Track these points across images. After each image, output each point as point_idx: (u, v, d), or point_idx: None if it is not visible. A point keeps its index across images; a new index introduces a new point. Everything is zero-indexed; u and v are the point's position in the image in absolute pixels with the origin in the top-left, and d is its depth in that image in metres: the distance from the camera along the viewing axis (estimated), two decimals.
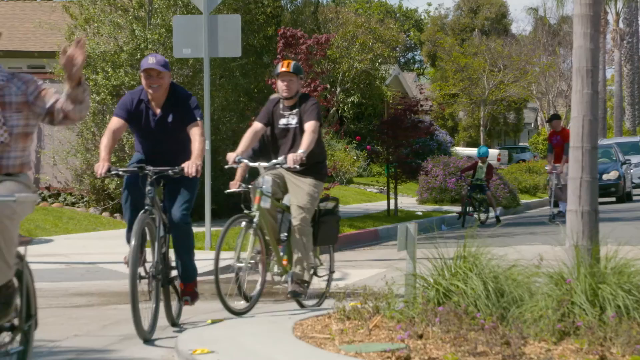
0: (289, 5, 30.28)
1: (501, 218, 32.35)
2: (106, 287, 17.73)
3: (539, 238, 15.46)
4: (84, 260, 20.04)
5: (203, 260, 19.45)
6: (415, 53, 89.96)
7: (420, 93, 35.41)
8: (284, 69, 13.77)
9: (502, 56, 67.70)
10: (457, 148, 51.89)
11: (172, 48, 22.86)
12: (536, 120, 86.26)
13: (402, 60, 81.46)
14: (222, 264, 13.83)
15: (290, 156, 12.86)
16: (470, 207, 29.86)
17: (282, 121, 13.81)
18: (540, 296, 10.79)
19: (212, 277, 18.59)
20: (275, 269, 13.83)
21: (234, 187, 14.67)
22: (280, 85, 13.80)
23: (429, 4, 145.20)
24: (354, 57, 51.03)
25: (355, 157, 45.58)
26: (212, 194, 22.22)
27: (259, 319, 13.18)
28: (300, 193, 13.44)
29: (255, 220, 13.01)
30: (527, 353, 9.75)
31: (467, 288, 11.15)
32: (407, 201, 37.44)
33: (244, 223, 13.94)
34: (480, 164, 30.61)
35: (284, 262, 13.70)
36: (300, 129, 13.59)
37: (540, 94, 70.41)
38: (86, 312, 14.85)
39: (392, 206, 31.81)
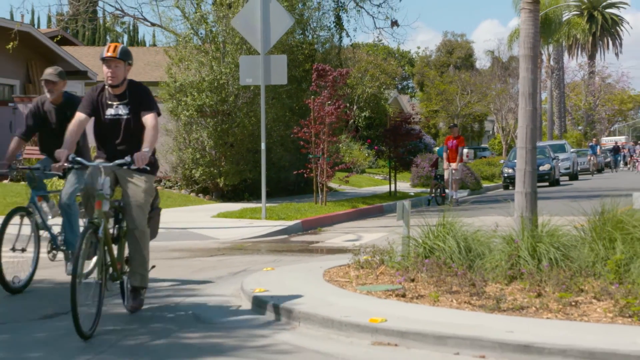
0: (320, 48, 29.67)
1: (468, 198, 31.91)
2: (193, 245, 17.40)
3: (496, 211, 15.15)
4: (178, 226, 19.84)
5: (260, 227, 20.06)
6: (408, 81, 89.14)
7: (412, 109, 34.93)
8: (109, 54, 9.82)
9: (469, 84, 67.76)
10: (437, 148, 51.87)
11: (239, 78, 22.72)
12: (493, 129, 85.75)
13: (399, 86, 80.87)
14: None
15: (137, 155, 9.27)
16: (438, 190, 29.44)
17: (110, 111, 9.95)
18: (496, 252, 10.96)
19: (266, 239, 19.15)
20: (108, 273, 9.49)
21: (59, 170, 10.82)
22: (105, 71, 9.89)
23: (418, 47, 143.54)
24: (365, 84, 50.71)
25: (366, 154, 44.96)
26: (266, 180, 21.84)
27: (298, 267, 13.02)
28: (138, 192, 9.73)
29: (100, 229, 9.06)
30: (487, 291, 9.93)
31: (445, 246, 11.31)
32: (403, 185, 36.39)
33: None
34: (439, 159, 29.91)
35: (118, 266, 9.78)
36: (133, 121, 9.91)
37: (496, 110, 70.14)
38: (179, 263, 14.67)
39: (392, 189, 31.59)
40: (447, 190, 28.86)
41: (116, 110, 10.00)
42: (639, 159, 60.57)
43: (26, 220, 11.88)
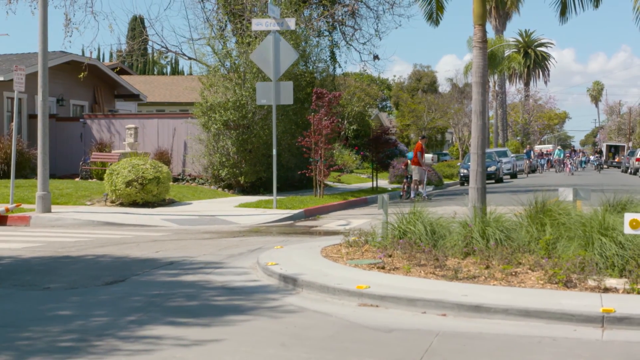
0: (318, 76, 29.54)
1: (432, 192, 31.21)
2: (220, 229, 17.26)
3: (454, 202, 15.04)
4: (208, 213, 19.81)
5: (272, 214, 19.99)
6: (387, 102, 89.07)
7: (390, 124, 35.10)
8: None
9: (434, 104, 67.54)
10: (409, 153, 51.56)
11: (256, 99, 22.56)
12: (452, 138, 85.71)
13: (380, 105, 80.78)
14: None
15: None
16: (407, 187, 29.08)
17: None
18: (455, 234, 10.99)
19: (276, 224, 19.14)
20: None
21: None
22: None
23: (394, 75, 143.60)
24: (353, 104, 50.45)
25: (354, 158, 44.94)
26: (277, 178, 21.81)
27: (301, 245, 12.97)
28: None
29: None
30: (447, 264, 9.92)
31: (415, 229, 11.29)
32: (383, 182, 36.03)
33: None
34: (409, 162, 29.00)
35: None
36: None
37: (454, 124, 69.93)
38: (209, 242, 14.53)
39: (374, 185, 31.53)
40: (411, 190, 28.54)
41: None
42: (567, 161, 60.43)
43: None
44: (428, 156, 29.81)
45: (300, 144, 24.85)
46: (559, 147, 78.41)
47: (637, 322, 7.26)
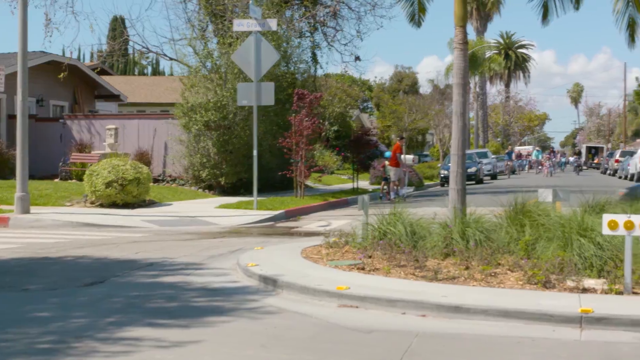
0: (299, 77, 29.41)
1: (411, 193, 31.60)
2: (200, 230, 17.24)
3: (435, 203, 15.01)
4: (188, 214, 19.81)
5: (253, 215, 19.98)
6: (368, 103, 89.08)
7: (371, 125, 35.09)
8: None
9: (415, 105, 67.68)
10: (386, 153, 51.63)
11: (237, 100, 22.66)
12: (433, 140, 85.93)
13: (361, 107, 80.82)
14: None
15: None
16: (385, 188, 29.05)
17: None
18: (435, 235, 10.97)
19: (257, 225, 19.12)
20: None
21: None
22: None
23: (376, 77, 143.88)
24: (335, 105, 50.42)
25: (335, 159, 44.92)
26: (257, 179, 21.76)
27: (282, 246, 12.95)
28: None
29: None
30: (427, 265, 9.94)
31: (395, 230, 11.29)
32: (364, 183, 36.39)
33: None
34: (386, 162, 29.01)
35: None
36: None
37: (435, 126, 70.19)
38: (189, 243, 14.48)
39: (355, 186, 31.59)
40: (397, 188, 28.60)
41: None
42: (545, 163, 60.68)
43: None
44: (409, 157, 29.89)
45: (281, 144, 24.83)
46: (537, 148, 78.67)
47: (615, 323, 7.30)
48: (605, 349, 6.76)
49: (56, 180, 27.99)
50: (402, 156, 29.30)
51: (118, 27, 54.89)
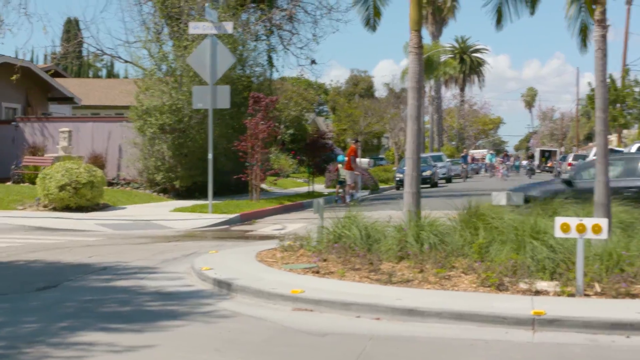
0: (255, 80, 29.40)
1: (368, 196, 31.60)
2: (154, 233, 17.11)
3: (390, 206, 15.07)
4: (142, 218, 19.80)
5: (208, 219, 19.95)
6: (324, 106, 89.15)
7: (327, 128, 35.09)
8: None
9: (370, 109, 67.74)
10: (340, 157, 51.70)
11: (192, 103, 22.76)
12: (388, 143, 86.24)
13: (317, 110, 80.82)
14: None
15: None
16: (341, 191, 29.05)
17: None
18: (390, 238, 11.01)
19: (212, 228, 19.05)
20: None
21: None
22: None
23: (331, 80, 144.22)
24: (290, 108, 50.20)
25: (291, 163, 44.90)
26: (213, 182, 21.79)
27: (236, 250, 12.93)
28: None
29: None
30: (382, 268, 9.99)
31: (350, 234, 11.31)
32: (319, 187, 36.05)
33: None
34: (339, 166, 29.20)
35: None
36: None
37: (390, 129, 70.40)
38: (143, 247, 14.41)
39: (311, 189, 31.62)
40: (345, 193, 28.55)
41: None
42: (499, 166, 61.18)
43: None
44: (364, 160, 29.87)
45: (237, 148, 24.76)
46: (490, 152, 79.32)
47: (567, 324, 7.39)
48: (558, 350, 6.84)
49: (8, 183, 27.61)
50: (358, 159, 29.31)
51: (72, 29, 54.44)
